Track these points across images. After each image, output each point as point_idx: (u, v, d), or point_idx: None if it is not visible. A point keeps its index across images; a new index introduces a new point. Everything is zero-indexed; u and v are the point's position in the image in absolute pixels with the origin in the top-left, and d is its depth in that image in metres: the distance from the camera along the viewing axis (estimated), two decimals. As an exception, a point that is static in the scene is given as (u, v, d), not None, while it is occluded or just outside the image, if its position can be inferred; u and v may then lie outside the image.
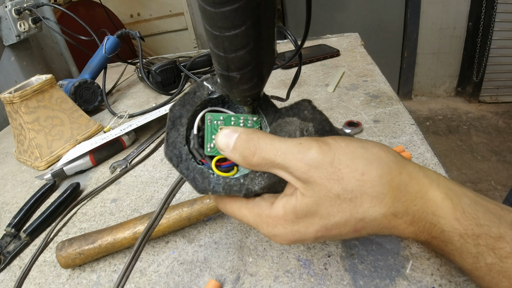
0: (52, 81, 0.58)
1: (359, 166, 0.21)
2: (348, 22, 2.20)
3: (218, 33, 0.16)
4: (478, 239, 0.21)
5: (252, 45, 0.17)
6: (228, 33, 0.16)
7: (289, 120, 0.25)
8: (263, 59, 0.19)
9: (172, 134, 0.25)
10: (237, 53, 0.17)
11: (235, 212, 0.26)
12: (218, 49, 0.17)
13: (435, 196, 0.21)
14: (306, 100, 0.26)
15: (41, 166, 0.56)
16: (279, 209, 0.23)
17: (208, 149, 0.25)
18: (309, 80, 0.72)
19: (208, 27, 0.16)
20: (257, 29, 0.16)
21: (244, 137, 0.23)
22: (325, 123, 0.26)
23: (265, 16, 0.16)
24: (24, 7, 0.75)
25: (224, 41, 0.16)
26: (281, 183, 0.25)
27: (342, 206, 0.21)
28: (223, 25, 0.15)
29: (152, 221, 0.26)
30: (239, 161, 0.23)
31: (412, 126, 0.50)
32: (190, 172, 0.25)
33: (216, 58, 0.18)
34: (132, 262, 0.25)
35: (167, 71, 0.77)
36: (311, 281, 0.30)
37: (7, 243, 0.41)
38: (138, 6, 2.25)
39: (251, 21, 0.15)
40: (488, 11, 1.92)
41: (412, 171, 0.22)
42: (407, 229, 0.22)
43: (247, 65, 0.18)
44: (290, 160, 0.21)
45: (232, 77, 0.19)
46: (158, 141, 0.58)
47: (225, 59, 0.17)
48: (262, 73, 0.20)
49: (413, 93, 2.39)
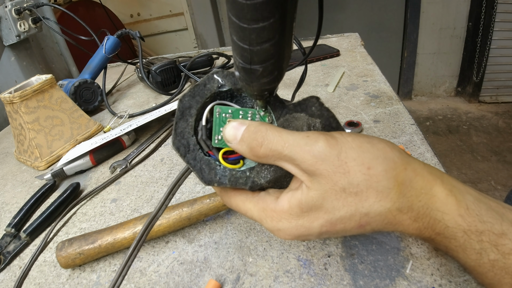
0: (52, 81, 0.58)
1: (365, 161, 0.21)
2: (348, 22, 2.20)
3: (246, 25, 0.16)
4: (481, 235, 0.21)
5: (277, 38, 0.17)
6: (256, 25, 0.16)
7: (296, 115, 0.26)
8: (284, 52, 0.19)
9: (180, 124, 0.25)
10: (263, 45, 0.17)
11: (240, 206, 0.26)
12: (243, 42, 0.17)
13: (439, 192, 0.22)
14: (314, 97, 0.26)
15: (41, 166, 0.56)
16: (284, 203, 0.23)
17: (216, 141, 0.26)
18: (309, 80, 0.72)
19: (235, 19, 0.16)
20: (283, 22, 0.17)
21: (252, 129, 0.23)
22: (331, 120, 0.26)
23: (290, 9, 0.17)
24: (24, 7, 0.75)
25: (251, 33, 0.16)
26: (286, 178, 0.25)
27: (348, 200, 0.21)
28: (252, 17, 0.16)
29: (156, 210, 0.26)
30: (246, 153, 0.23)
31: (412, 126, 0.50)
32: (197, 163, 0.25)
33: (239, 51, 0.18)
34: (136, 249, 0.25)
35: (167, 71, 0.77)
36: (311, 281, 0.30)
37: (7, 243, 0.41)
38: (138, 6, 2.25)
39: (279, 14, 0.16)
40: (488, 11, 1.92)
41: (417, 167, 0.22)
42: (411, 225, 0.22)
43: (271, 58, 0.18)
44: (297, 152, 0.22)
45: (254, 70, 0.19)
46: (158, 141, 0.58)
47: (249, 52, 0.18)
48: (282, 66, 0.20)
49: (413, 93, 2.39)
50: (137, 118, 0.64)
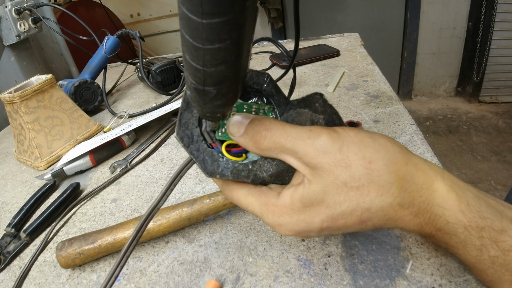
0: (52, 81, 0.58)
1: (367, 155, 0.21)
2: (348, 22, 2.21)
3: (200, 45, 0.15)
4: (481, 231, 0.21)
5: (233, 60, 0.16)
6: (211, 46, 0.15)
7: (300, 111, 0.26)
8: (240, 74, 0.18)
9: (185, 115, 0.25)
10: (217, 67, 0.16)
11: (241, 199, 0.26)
12: (196, 62, 0.16)
13: (440, 188, 0.22)
14: (317, 93, 0.26)
15: (41, 166, 0.56)
16: (286, 198, 0.23)
17: (220, 134, 0.26)
18: (309, 80, 0.72)
19: (188, 37, 0.15)
20: (241, 44, 0.16)
21: (256, 122, 0.23)
22: (335, 117, 0.26)
23: (248, 31, 0.16)
24: (24, 7, 0.75)
25: (205, 54, 0.15)
26: (289, 173, 0.25)
27: (349, 194, 0.21)
28: (208, 37, 0.14)
29: (161, 195, 0.26)
30: (249, 146, 0.24)
31: (412, 126, 0.50)
32: (200, 154, 0.25)
33: (192, 71, 0.17)
34: (133, 243, 0.25)
35: (167, 71, 0.77)
36: (311, 281, 0.30)
37: (7, 243, 0.41)
38: (138, 6, 2.25)
39: (237, 36, 0.15)
40: (488, 11, 1.92)
41: (418, 163, 0.22)
42: (412, 221, 0.22)
43: (225, 81, 0.17)
44: (299, 145, 0.22)
45: (207, 91, 0.18)
46: (158, 141, 0.58)
47: (203, 73, 0.16)
48: (237, 88, 0.19)
49: (413, 93, 2.39)
50: (137, 118, 0.64)
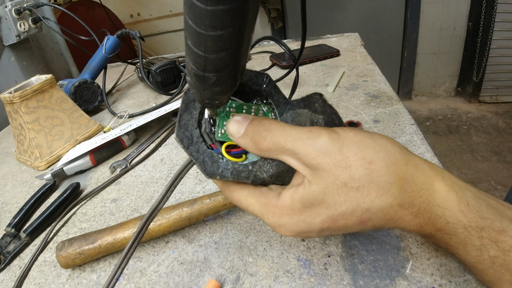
0: (52, 81, 0.58)
1: (367, 155, 0.21)
2: (348, 22, 2.20)
3: (203, 31, 0.15)
4: (481, 231, 0.21)
5: (234, 47, 0.17)
6: (213, 33, 0.15)
7: (300, 111, 0.26)
8: (240, 63, 0.19)
9: (184, 117, 0.25)
10: (218, 54, 0.17)
11: (241, 200, 0.26)
12: (198, 48, 0.16)
13: (440, 188, 0.22)
14: (317, 93, 0.26)
15: (41, 166, 0.55)
16: (287, 199, 0.23)
17: (219, 135, 0.26)
18: (309, 80, 0.72)
19: (192, 23, 0.15)
20: (243, 32, 0.16)
21: (256, 123, 0.23)
22: (334, 117, 0.26)
23: (251, 20, 0.16)
24: (24, 7, 0.75)
25: (207, 40, 0.16)
26: (289, 173, 0.25)
27: (349, 195, 0.21)
28: (211, 24, 0.15)
29: (161, 196, 0.26)
30: (249, 147, 0.24)
31: (412, 126, 0.50)
32: (200, 155, 0.25)
33: (193, 57, 0.17)
34: (134, 244, 0.25)
35: (167, 71, 0.77)
36: (311, 281, 0.30)
37: (7, 243, 0.41)
38: (138, 6, 2.25)
39: (239, 24, 0.15)
40: (488, 11, 1.92)
41: (418, 163, 0.22)
42: (412, 221, 0.22)
43: (226, 67, 0.18)
44: (299, 145, 0.22)
45: (207, 77, 0.18)
46: (158, 141, 0.58)
47: (204, 59, 0.17)
48: (237, 76, 0.20)
49: (413, 93, 2.39)
50: (137, 118, 0.64)
